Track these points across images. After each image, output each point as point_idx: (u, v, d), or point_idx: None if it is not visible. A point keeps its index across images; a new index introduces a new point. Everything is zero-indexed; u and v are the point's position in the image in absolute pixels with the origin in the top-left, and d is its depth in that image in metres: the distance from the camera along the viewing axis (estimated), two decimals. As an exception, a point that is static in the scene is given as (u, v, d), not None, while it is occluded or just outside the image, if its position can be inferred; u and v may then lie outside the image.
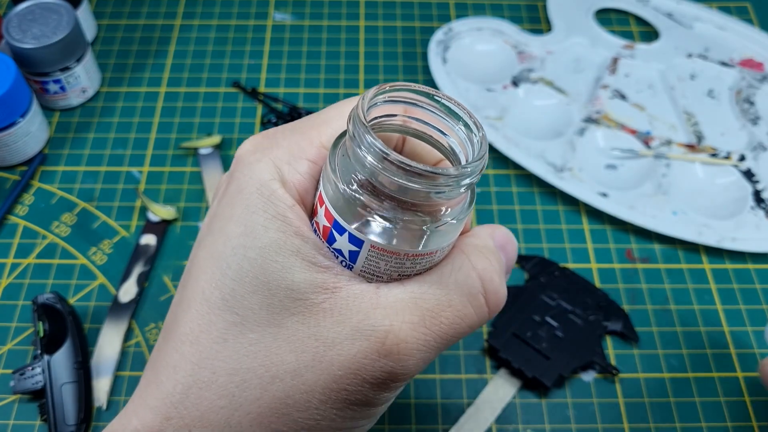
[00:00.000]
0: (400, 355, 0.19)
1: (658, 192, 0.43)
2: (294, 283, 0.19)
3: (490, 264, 0.20)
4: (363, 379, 0.19)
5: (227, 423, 0.19)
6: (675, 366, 0.38)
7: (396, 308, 0.19)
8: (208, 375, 0.19)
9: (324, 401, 0.19)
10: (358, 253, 0.19)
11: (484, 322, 0.21)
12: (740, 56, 0.50)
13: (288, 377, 0.19)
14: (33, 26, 0.44)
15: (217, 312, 0.20)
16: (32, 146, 0.44)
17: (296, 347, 0.19)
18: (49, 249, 0.41)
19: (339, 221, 0.19)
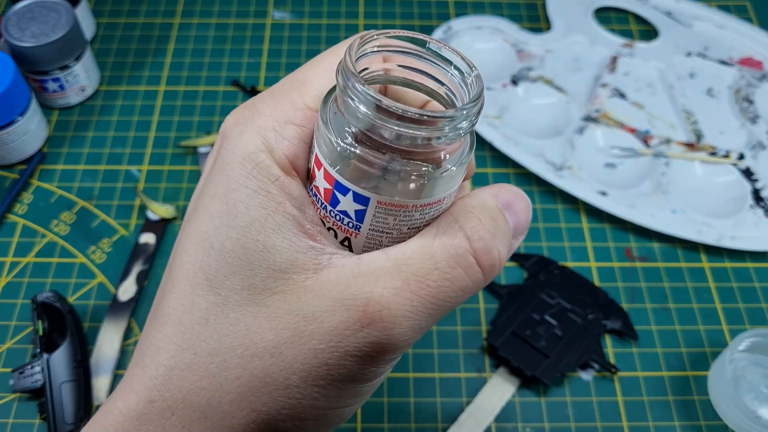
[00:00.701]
0: (383, 323, 0.18)
1: (658, 191, 0.43)
2: (275, 263, 0.19)
3: (480, 223, 0.19)
4: (345, 352, 0.18)
5: (208, 404, 0.19)
6: (674, 364, 0.38)
7: (377, 275, 0.18)
8: (190, 356, 0.19)
9: (304, 378, 0.18)
10: (364, 211, 0.18)
11: (479, 285, 0.19)
12: (739, 55, 0.50)
13: (267, 355, 0.18)
14: (32, 24, 0.44)
15: (200, 293, 0.19)
16: (31, 145, 0.44)
17: (276, 324, 0.18)
18: (48, 248, 0.41)
19: (341, 181, 0.18)
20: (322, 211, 0.19)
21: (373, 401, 0.36)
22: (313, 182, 0.19)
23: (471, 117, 0.17)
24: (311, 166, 0.19)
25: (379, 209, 0.18)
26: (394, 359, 0.19)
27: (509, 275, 0.41)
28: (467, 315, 0.39)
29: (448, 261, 0.18)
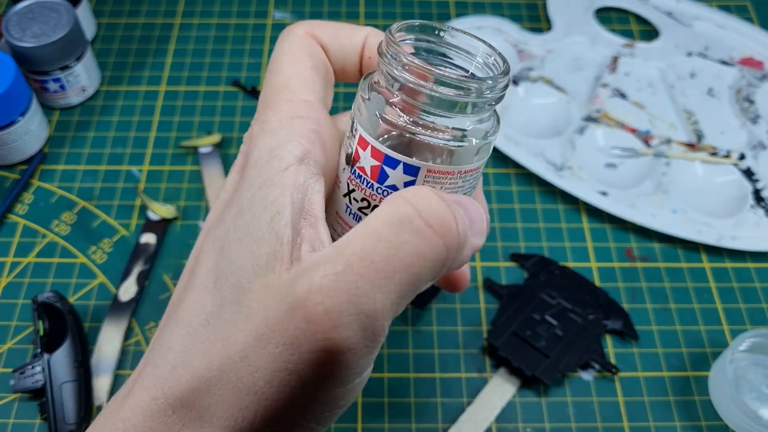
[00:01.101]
0: (328, 316, 0.17)
1: (658, 191, 0.43)
2: (259, 260, 0.18)
3: (422, 191, 0.18)
4: (301, 355, 0.17)
5: (200, 405, 0.19)
6: (675, 365, 0.38)
7: (317, 265, 0.17)
8: (191, 356, 0.19)
9: (269, 382, 0.18)
10: (413, 182, 0.19)
11: (437, 249, 0.17)
12: (740, 55, 0.50)
13: (238, 359, 0.18)
14: (33, 25, 0.44)
15: (207, 295, 0.20)
16: (32, 145, 0.44)
17: (245, 327, 0.18)
18: (49, 248, 0.41)
19: (390, 155, 0.19)
20: (368, 191, 0.20)
21: (374, 401, 0.36)
22: (356, 164, 0.20)
23: (504, 82, 0.19)
24: (351, 150, 0.20)
25: (428, 178, 0.19)
26: (358, 359, 0.18)
27: (509, 275, 0.41)
28: (467, 315, 0.39)
29: (392, 228, 0.17)
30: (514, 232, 0.42)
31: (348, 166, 0.21)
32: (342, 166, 0.21)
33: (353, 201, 0.21)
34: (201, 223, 0.42)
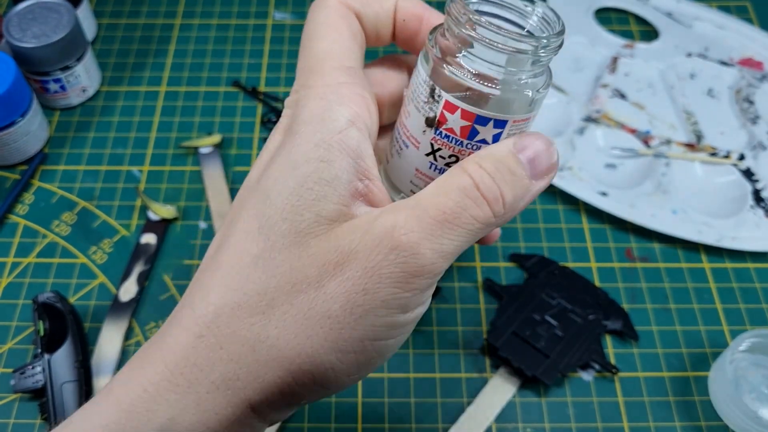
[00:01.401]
0: (410, 244, 0.20)
1: (658, 191, 0.43)
2: (323, 211, 0.21)
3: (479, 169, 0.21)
4: (380, 276, 0.20)
5: (257, 338, 0.20)
6: (674, 365, 0.38)
7: (398, 207, 0.21)
8: (240, 296, 0.21)
9: (344, 306, 0.20)
10: (500, 134, 0.22)
11: (488, 217, 0.21)
12: (740, 55, 0.50)
13: (311, 289, 0.20)
14: (33, 25, 0.44)
15: (251, 240, 0.21)
16: (32, 145, 0.44)
17: (317, 261, 0.20)
18: (49, 248, 0.41)
19: (481, 114, 0.22)
20: (456, 148, 0.23)
21: (374, 401, 0.36)
22: (442, 126, 0.22)
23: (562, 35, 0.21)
24: (435, 114, 0.22)
25: (512, 128, 0.22)
26: (425, 287, 0.20)
27: (509, 275, 0.41)
28: (468, 315, 0.39)
29: (458, 193, 0.21)
30: (514, 233, 0.42)
31: (430, 128, 0.23)
32: (419, 129, 0.23)
33: (439, 159, 0.23)
34: (201, 224, 0.42)
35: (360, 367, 0.21)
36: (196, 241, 0.42)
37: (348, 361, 0.20)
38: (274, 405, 0.21)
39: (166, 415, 0.20)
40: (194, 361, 0.21)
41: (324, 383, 0.21)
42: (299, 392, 0.21)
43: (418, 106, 0.23)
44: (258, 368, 0.20)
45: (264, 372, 0.20)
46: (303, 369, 0.20)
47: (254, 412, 0.21)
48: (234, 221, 0.22)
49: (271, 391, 0.21)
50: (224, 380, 0.21)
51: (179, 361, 0.21)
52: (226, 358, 0.21)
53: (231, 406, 0.21)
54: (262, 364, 0.20)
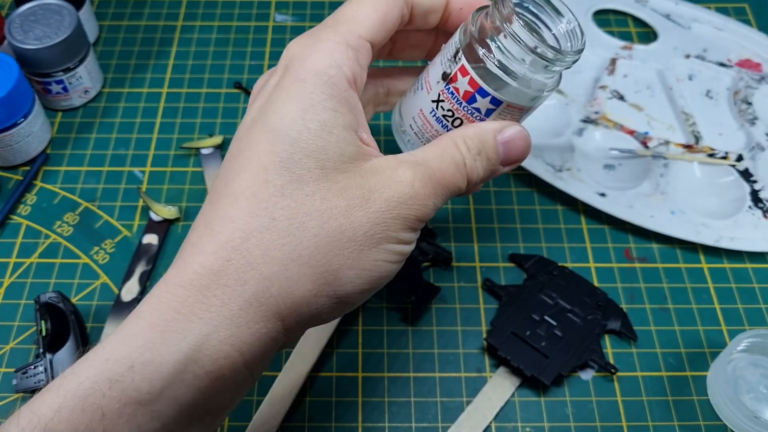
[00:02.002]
0: (422, 197, 0.24)
1: (657, 192, 0.43)
2: (346, 151, 0.24)
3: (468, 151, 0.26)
4: (396, 215, 0.24)
5: (288, 257, 0.23)
6: (673, 365, 0.38)
7: (415, 165, 0.25)
8: (268, 221, 0.23)
9: (367, 233, 0.23)
10: (494, 110, 0.26)
11: (463, 189, 0.26)
12: (738, 57, 0.51)
13: (341, 216, 0.23)
14: (35, 27, 0.44)
15: (273, 172, 0.23)
16: (35, 146, 0.45)
17: (346, 194, 0.24)
18: (51, 248, 0.41)
19: (484, 88, 0.25)
20: (455, 105, 0.26)
21: (374, 401, 0.36)
22: (452, 84, 0.26)
23: (575, 57, 0.25)
24: (451, 72, 0.26)
25: (505, 110, 0.26)
26: (419, 229, 0.25)
27: (509, 276, 0.41)
28: (467, 315, 0.39)
29: (452, 166, 0.25)
30: (514, 233, 0.43)
31: (443, 81, 0.26)
32: (436, 79, 0.26)
33: (440, 108, 0.26)
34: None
35: (371, 283, 0.24)
36: (198, 241, 0.42)
37: (364, 277, 0.24)
38: (301, 319, 0.24)
39: (201, 332, 0.22)
40: (225, 282, 0.22)
41: (343, 296, 0.24)
42: (323, 305, 0.24)
43: (443, 60, 0.26)
44: (290, 284, 0.23)
45: (295, 288, 0.23)
46: (328, 282, 0.23)
47: (284, 326, 0.23)
48: (239, 157, 0.24)
49: (300, 304, 0.23)
50: (257, 297, 0.22)
51: (209, 284, 0.22)
52: (258, 277, 0.23)
53: (263, 320, 0.23)
54: (294, 281, 0.23)
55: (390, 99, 0.31)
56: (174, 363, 0.22)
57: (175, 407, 0.22)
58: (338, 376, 0.37)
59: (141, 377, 0.21)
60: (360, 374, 0.37)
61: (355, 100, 0.25)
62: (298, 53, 0.25)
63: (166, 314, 0.22)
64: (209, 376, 0.22)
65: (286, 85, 0.24)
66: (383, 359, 0.38)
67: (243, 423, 0.35)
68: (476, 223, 0.43)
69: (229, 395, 0.23)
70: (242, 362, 0.23)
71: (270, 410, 0.35)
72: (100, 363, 0.22)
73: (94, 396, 0.21)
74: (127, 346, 0.22)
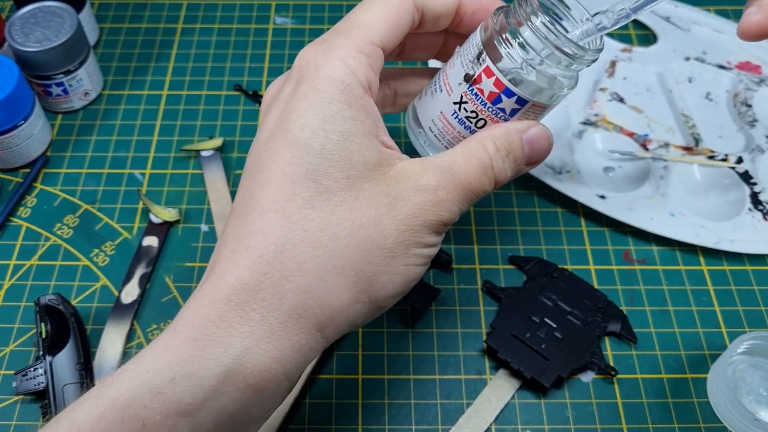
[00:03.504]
0: (447, 203, 0.25)
1: (656, 194, 0.43)
2: (369, 159, 0.24)
3: (496, 151, 0.26)
4: (423, 222, 0.24)
5: (324, 268, 0.23)
6: (673, 367, 0.38)
7: (441, 171, 0.25)
8: (301, 234, 0.23)
9: (396, 240, 0.24)
10: (519, 110, 0.26)
11: (491, 188, 0.26)
12: (738, 59, 0.51)
13: (370, 225, 0.24)
14: (36, 29, 0.44)
15: (300, 184, 0.23)
16: (35, 148, 0.45)
17: (374, 203, 0.24)
18: (51, 251, 0.41)
19: (510, 88, 0.25)
20: (479, 106, 0.26)
21: (374, 402, 0.36)
22: (476, 85, 0.26)
23: (595, 56, 0.25)
24: (475, 73, 0.26)
25: (529, 110, 0.26)
26: (443, 233, 0.26)
27: (509, 278, 0.41)
28: (467, 317, 0.39)
29: (479, 169, 0.26)
30: (513, 235, 0.43)
31: (466, 83, 0.26)
32: (457, 81, 0.26)
33: (463, 110, 0.27)
34: (203, 227, 0.43)
35: (403, 285, 0.25)
36: (198, 243, 0.42)
37: (396, 281, 0.24)
38: (339, 328, 0.24)
39: (242, 346, 0.22)
40: (263, 297, 0.23)
41: (378, 300, 0.24)
42: (359, 312, 0.24)
43: (463, 62, 0.26)
44: (327, 295, 0.23)
45: (333, 298, 0.23)
46: (363, 289, 0.24)
47: (322, 336, 0.24)
48: (263, 170, 0.24)
49: (338, 313, 0.24)
50: (295, 310, 0.23)
51: (247, 298, 0.22)
52: (295, 290, 0.23)
53: (303, 332, 0.23)
54: (331, 291, 0.23)
55: (398, 100, 0.31)
56: (215, 376, 0.22)
57: (215, 419, 0.22)
58: (338, 378, 0.37)
59: (182, 389, 0.21)
60: (360, 376, 0.37)
61: (371, 105, 0.25)
62: (311, 61, 0.25)
63: (205, 328, 0.22)
64: (251, 388, 0.22)
65: (303, 94, 0.24)
66: (383, 361, 0.38)
67: (243, 425, 0.35)
68: (476, 225, 0.43)
69: (268, 405, 0.24)
70: (283, 373, 0.23)
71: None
72: (141, 374, 0.22)
73: (135, 407, 0.21)
74: (168, 358, 0.22)
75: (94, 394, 0.22)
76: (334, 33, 0.26)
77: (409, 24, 0.27)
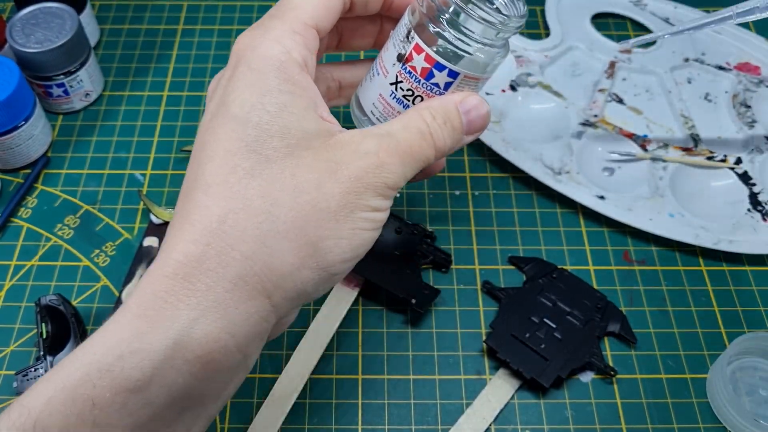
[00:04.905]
0: (388, 165, 0.25)
1: (655, 195, 0.43)
2: (309, 129, 0.24)
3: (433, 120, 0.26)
4: (366, 184, 0.24)
5: (266, 234, 0.23)
6: (672, 367, 0.38)
7: (380, 137, 0.25)
8: (242, 202, 0.23)
9: (340, 203, 0.24)
10: (452, 83, 0.27)
11: (431, 155, 0.27)
12: (737, 60, 0.51)
13: (313, 190, 0.24)
14: (36, 30, 0.44)
15: (240, 156, 0.24)
16: (35, 149, 0.45)
17: (315, 168, 0.24)
18: (52, 251, 0.42)
19: (441, 62, 0.26)
20: (414, 84, 0.27)
21: (374, 402, 0.36)
22: (408, 63, 0.27)
23: (520, 23, 0.26)
24: (406, 52, 0.27)
25: (462, 81, 0.27)
26: (390, 197, 0.26)
27: (508, 278, 0.41)
28: (467, 318, 0.39)
29: (418, 135, 0.26)
30: (513, 236, 0.43)
31: (399, 62, 0.27)
32: (391, 61, 0.27)
33: (399, 89, 0.27)
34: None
35: (352, 251, 0.25)
36: (198, 244, 0.42)
37: (343, 246, 0.24)
38: (287, 295, 0.24)
39: (189, 317, 0.22)
40: (208, 267, 0.23)
41: (326, 266, 0.24)
42: (307, 278, 0.24)
43: (395, 43, 0.27)
44: (272, 260, 0.23)
45: (277, 263, 0.23)
46: (309, 254, 0.24)
47: (271, 304, 0.24)
48: (206, 148, 0.24)
49: (284, 278, 0.23)
50: (241, 277, 0.23)
51: (192, 270, 0.23)
52: (239, 257, 0.23)
53: (250, 299, 0.23)
54: (275, 256, 0.23)
55: (343, 92, 0.32)
56: (164, 349, 0.22)
57: (167, 394, 0.22)
58: (338, 378, 0.37)
59: (131, 366, 0.21)
60: (360, 376, 0.37)
61: (308, 82, 0.25)
62: (248, 44, 0.25)
63: (152, 304, 0.22)
64: (200, 360, 0.22)
65: (241, 75, 0.25)
66: (383, 361, 0.38)
67: (243, 425, 0.35)
68: (475, 226, 0.43)
69: (222, 381, 0.23)
70: (234, 344, 0.23)
71: (270, 412, 0.35)
72: (89, 355, 0.22)
73: (84, 387, 0.21)
74: (116, 337, 0.22)
75: (44, 379, 0.22)
76: (269, 17, 0.26)
77: (340, 5, 0.27)
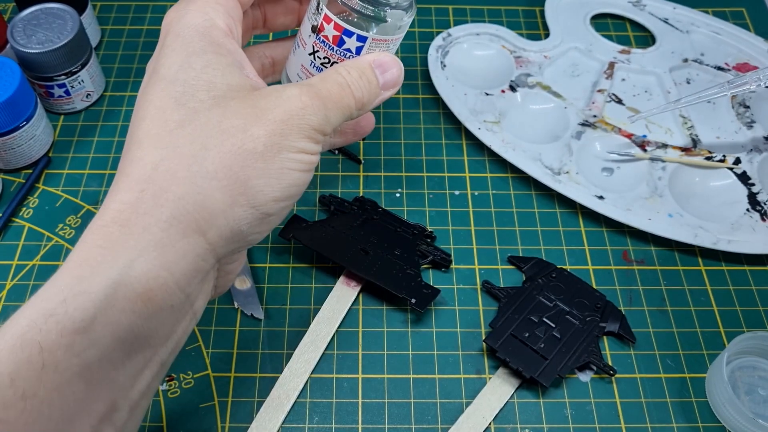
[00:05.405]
0: (311, 108, 0.26)
1: (654, 195, 0.44)
2: (233, 82, 0.26)
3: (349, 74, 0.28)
4: (291, 125, 0.26)
5: (197, 174, 0.24)
6: (671, 367, 0.38)
7: (301, 86, 0.27)
8: (173, 150, 0.25)
9: (267, 145, 0.25)
10: (362, 47, 0.29)
11: (353, 110, 0.28)
12: (736, 60, 0.51)
13: (239, 133, 0.25)
14: (38, 31, 0.45)
15: (170, 111, 0.25)
16: (37, 149, 0.45)
17: (241, 114, 0.25)
18: (53, 251, 0.42)
19: (348, 28, 0.28)
20: (329, 52, 0.29)
21: (374, 402, 0.36)
22: (320, 33, 0.29)
23: None
24: (317, 23, 0.29)
25: (372, 44, 0.29)
26: (317, 140, 0.27)
27: (508, 278, 0.41)
28: (466, 317, 0.39)
29: (337, 86, 0.28)
30: (512, 236, 0.43)
31: (314, 33, 0.29)
32: (308, 33, 0.29)
33: (317, 58, 0.30)
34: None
35: (282, 191, 0.26)
36: (198, 244, 0.42)
37: (273, 185, 0.26)
38: (223, 233, 0.25)
39: (127, 258, 0.23)
40: (143, 210, 0.24)
41: (257, 205, 0.25)
42: (241, 216, 0.25)
43: (309, 16, 0.29)
44: (203, 199, 0.24)
45: (208, 200, 0.24)
46: (240, 192, 0.25)
47: (206, 241, 0.25)
48: (140, 110, 0.26)
49: (216, 215, 0.25)
50: (174, 216, 0.24)
51: (129, 216, 0.24)
52: (172, 198, 0.24)
53: (185, 236, 0.24)
54: (206, 195, 0.24)
55: (276, 68, 0.34)
56: (104, 289, 0.23)
57: (112, 333, 0.23)
58: (338, 378, 0.37)
59: (74, 307, 0.22)
60: (360, 376, 0.37)
61: (234, 45, 0.27)
62: (174, 17, 0.27)
63: (93, 251, 0.23)
64: (141, 298, 0.23)
65: (168, 43, 0.27)
66: (383, 361, 0.38)
67: (244, 424, 0.35)
68: (475, 226, 0.43)
69: (168, 321, 0.24)
70: (173, 281, 0.24)
71: (270, 412, 0.35)
72: (34, 304, 0.23)
73: (31, 332, 0.22)
74: (58, 285, 0.23)
75: None
76: None
77: None
